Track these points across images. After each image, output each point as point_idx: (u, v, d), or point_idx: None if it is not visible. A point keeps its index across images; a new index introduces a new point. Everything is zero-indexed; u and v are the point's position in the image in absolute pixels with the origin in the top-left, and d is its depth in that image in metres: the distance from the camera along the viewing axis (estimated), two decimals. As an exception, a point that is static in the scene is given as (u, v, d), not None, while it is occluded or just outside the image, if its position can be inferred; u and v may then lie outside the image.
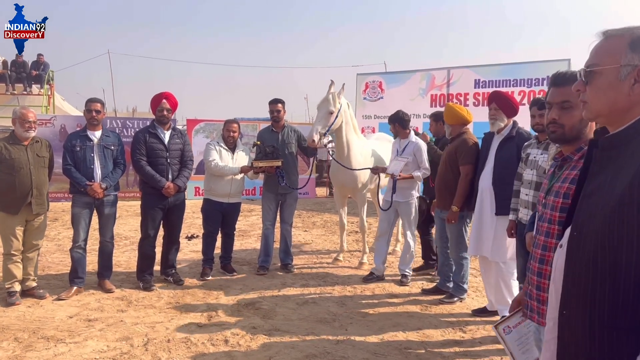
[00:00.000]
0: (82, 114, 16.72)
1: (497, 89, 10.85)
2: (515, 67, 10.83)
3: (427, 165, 5.14)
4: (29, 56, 15.10)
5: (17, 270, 4.49)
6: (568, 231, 1.39)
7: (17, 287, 4.51)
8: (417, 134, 5.61)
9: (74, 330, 3.93)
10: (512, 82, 10.70)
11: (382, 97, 12.59)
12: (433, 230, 5.51)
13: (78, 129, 11.09)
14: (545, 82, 10.24)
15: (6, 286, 4.48)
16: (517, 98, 10.22)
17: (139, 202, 5.16)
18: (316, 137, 5.22)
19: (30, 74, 14.65)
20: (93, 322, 4.10)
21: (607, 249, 1.19)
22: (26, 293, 4.61)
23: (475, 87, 11.26)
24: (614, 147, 1.29)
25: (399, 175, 5.06)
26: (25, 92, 14.82)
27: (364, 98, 12.82)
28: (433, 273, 5.54)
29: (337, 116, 5.34)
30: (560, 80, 1.96)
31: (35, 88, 15.13)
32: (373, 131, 11.48)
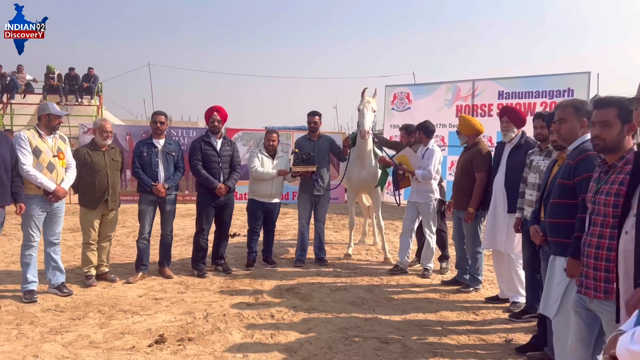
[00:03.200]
0: (124, 124, 17.88)
1: (520, 100, 11.37)
2: (538, 79, 11.29)
3: (430, 168, 5.66)
4: (80, 69, 16.34)
5: (94, 257, 5.30)
6: (630, 220, 1.87)
7: (93, 272, 5.32)
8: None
9: (145, 306, 4.69)
10: (534, 94, 11.18)
11: (409, 108, 13.18)
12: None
13: (127, 137, 12.15)
14: (566, 93, 10.69)
15: (84, 270, 5.29)
16: (539, 109, 10.68)
17: (186, 205, 5.91)
18: (368, 128, 5.96)
19: (81, 86, 15.83)
20: (159, 300, 4.86)
21: None
22: (100, 277, 5.41)
23: (499, 99, 11.74)
24: None
25: (400, 164, 5.88)
26: (76, 103, 16.00)
27: (392, 108, 13.42)
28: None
29: (375, 114, 6.15)
30: (601, 104, 2.47)
31: (85, 99, 16.31)
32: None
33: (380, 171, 6.48)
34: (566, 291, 2.69)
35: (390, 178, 6.85)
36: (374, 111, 6.14)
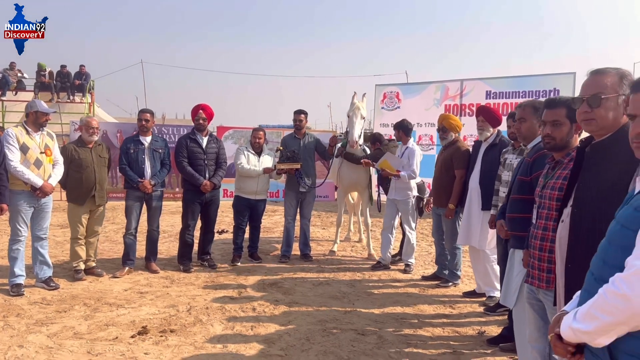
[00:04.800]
0: (117, 121, 17.96)
1: (507, 100, 11.54)
2: (524, 80, 11.46)
3: (414, 168, 5.80)
4: (72, 67, 16.38)
5: (82, 252, 5.41)
6: (567, 210, 2.01)
7: (82, 266, 5.42)
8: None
9: (130, 299, 4.80)
10: (520, 94, 11.33)
11: (399, 107, 13.31)
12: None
13: (118, 134, 12.22)
14: (552, 93, 10.85)
15: (73, 265, 5.39)
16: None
17: (177, 202, 6.01)
18: (357, 138, 6.12)
19: (73, 84, 15.88)
20: (144, 294, 4.97)
21: (603, 217, 1.73)
22: (87, 271, 5.50)
23: (486, 98, 11.89)
24: (602, 149, 1.95)
25: (382, 170, 5.94)
26: (68, 100, 16.05)
27: (382, 107, 13.54)
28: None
29: (365, 120, 6.30)
30: (552, 104, 2.59)
31: (77, 96, 16.35)
32: (390, 138, 12.20)
33: (369, 173, 6.67)
34: (524, 282, 2.82)
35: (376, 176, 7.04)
36: (363, 118, 6.26)
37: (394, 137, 6.56)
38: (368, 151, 6.78)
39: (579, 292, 1.58)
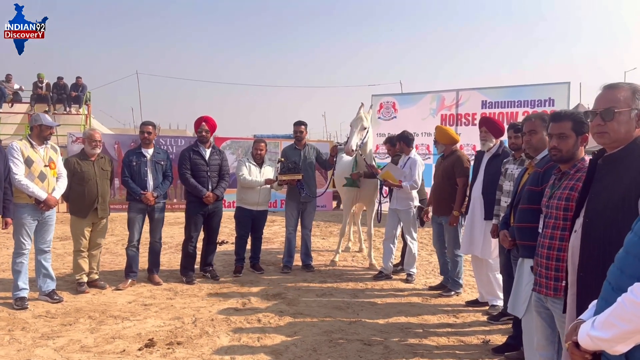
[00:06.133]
0: (113, 132, 17.95)
1: (503, 109, 11.67)
2: (520, 89, 11.58)
3: (416, 178, 5.84)
4: (68, 79, 16.39)
5: (85, 264, 5.41)
6: (579, 220, 2.08)
7: (85, 279, 5.42)
8: None
9: (134, 311, 4.80)
10: (516, 103, 11.46)
11: (395, 117, 13.41)
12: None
13: (116, 146, 12.22)
14: (547, 103, 10.99)
15: (76, 277, 5.39)
16: (521, 118, 10.94)
17: (175, 213, 6.02)
18: (354, 147, 6.12)
19: (69, 95, 15.88)
20: (148, 306, 4.97)
21: (614, 227, 1.83)
22: (90, 284, 5.49)
23: (482, 108, 12.01)
24: (614, 161, 2.00)
25: (385, 181, 5.96)
26: (65, 112, 16.03)
27: (379, 117, 13.63)
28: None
29: (368, 131, 6.26)
30: (558, 117, 2.65)
31: (74, 108, 16.34)
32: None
33: (377, 184, 6.68)
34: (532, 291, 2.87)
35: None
36: (365, 128, 6.28)
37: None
38: (374, 162, 6.80)
39: (594, 302, 1.62)
